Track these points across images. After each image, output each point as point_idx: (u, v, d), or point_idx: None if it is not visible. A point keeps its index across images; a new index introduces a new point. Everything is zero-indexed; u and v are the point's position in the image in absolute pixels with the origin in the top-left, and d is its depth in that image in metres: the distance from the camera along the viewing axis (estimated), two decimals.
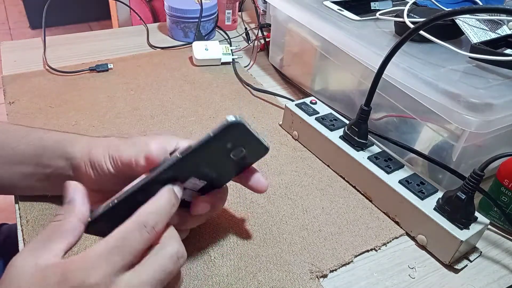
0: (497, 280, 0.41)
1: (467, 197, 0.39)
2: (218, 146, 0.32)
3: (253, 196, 0.47)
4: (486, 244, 0.44)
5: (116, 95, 0.62)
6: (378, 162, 0.47)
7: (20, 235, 0.40)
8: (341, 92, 0.61)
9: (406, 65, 0.46)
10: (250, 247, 0.41)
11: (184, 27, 0.79)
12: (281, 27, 0.68)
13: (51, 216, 0.42)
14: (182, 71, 0.71)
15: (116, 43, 0.78)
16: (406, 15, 0.51)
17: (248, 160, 0.37)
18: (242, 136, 0.32)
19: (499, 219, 0.46)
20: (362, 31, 0.54)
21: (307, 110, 0.55)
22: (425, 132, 0.49)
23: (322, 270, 0.39)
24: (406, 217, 0.44)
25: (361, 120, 0.47)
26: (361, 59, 0.51)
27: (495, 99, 0.42)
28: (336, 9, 0.60)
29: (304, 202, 0.47)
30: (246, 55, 0.78)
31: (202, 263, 0.39)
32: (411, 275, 0.41)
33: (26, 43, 0.75)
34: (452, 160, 0.45)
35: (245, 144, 0.33)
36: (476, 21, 0.52)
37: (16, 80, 0.64)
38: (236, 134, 0.32)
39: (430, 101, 0.43)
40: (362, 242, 0.43)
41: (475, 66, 0.47)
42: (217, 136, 0.30)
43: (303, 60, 0.66)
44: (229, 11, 0.85)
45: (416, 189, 0.44)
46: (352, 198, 0.48)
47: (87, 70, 0.67)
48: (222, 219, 0.44)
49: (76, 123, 0.56)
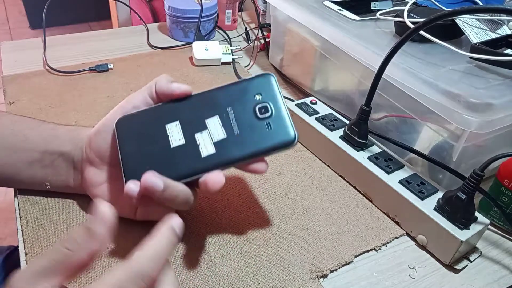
0: (497, 280, 0.41)
1: (467, 197, 0.39)
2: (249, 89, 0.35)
3: (253, 196, 0.47)
4: (486, 244, 0.44)
5: (116, 95, 0.62)
6: (378, 162, 0.47)
7: (20, 235, 0.40)
8: (341, 92, 0.61)
9: (406, 65, 0.46)
10: (250, 247, 0.41)
11: (184, 27, 0.79)
12: (281, 27, 0.68)
13: (51, 216, 0.42)
14: (182, 71, 0.71)
15: (116, 43, 0.78)
16: (406, 15, 0.51)
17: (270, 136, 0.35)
18: (271, 91, 0.35)
19: (499, 219, 0.46)
20: (362, 31, 0.54)
21: (307, 110, 0.55)
22: (425, 132, 0.49)
23: (322, 270, 0.39)
24: (406, 217, 0.44)
25: (361, 120, 0.47)
26: (361, 59, 0.51)
27: (495, 99, 0.42)
28: (336, 9, 0.60)
29: (304, 202, 0.47)
30: (246, 55, 0.78)
31: (202, 263, 0.39)
32: (411, 275, 0.41)
33: (26, 43, 0.75)
34: (452, 160, 0.45)
35: (272, 103, 0.35)
36: (476, 21, 0.52)
37: (16, 80, 0.64)
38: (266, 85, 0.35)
39: (430, 101, 0.43)
40: (362, 242, 0.43)
41: (475, 66, 0.47)
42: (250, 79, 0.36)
43: (303, 60, 0.66)
44: (229, 11, 0.85)
45: (416, 189, 0.44)
46: (352, 198, 0.48)
47: (87, 70, 0.67)
48: (222, 219, 0.44)
49: (76, 123, 0.56)
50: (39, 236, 0.40)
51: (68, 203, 0.43)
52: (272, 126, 0.34)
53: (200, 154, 0.35)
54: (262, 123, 0.34)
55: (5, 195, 1.49)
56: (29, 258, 0.38)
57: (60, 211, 0.42)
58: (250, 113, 0.35)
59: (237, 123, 0.35)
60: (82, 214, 0.42)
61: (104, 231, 0.27)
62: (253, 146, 0.35)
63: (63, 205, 0.43)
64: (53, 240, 0.39)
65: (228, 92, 0.36)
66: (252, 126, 0.35)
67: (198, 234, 0.42)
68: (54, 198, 0.43)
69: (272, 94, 0.35)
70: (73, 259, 0.26)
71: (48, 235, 0.40)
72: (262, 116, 0.34)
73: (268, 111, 0.34)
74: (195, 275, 0.38)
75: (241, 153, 0.35)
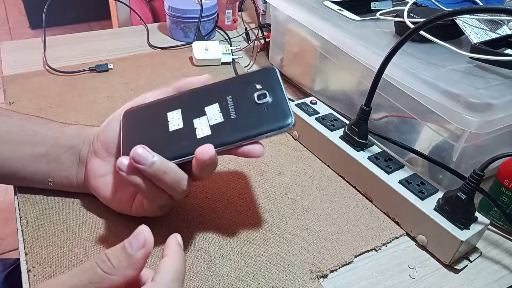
0: (497, 280, 0.41)
1: (467, 197, 0.39)
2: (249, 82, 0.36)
3: (253, 196, 0.47)
4: (486, 244, 0.44)
5: (116, 95, 0.62)
6: (378, 162, 0.47)
7: (20, 235, 0.40)
8: (341, 92, 0.61)
9: (406, 65, 0.46)
10: (250, 247, 0.41)
11: (184, 27, 0.79)
12: (281, 27, 0.68)
13: (51, 216, 0.42)
14: (182, 71, 0.71)
15: (116, 43, 0.78)
16: (406, 15, 0.51)
17: (267, 119, 0.35)
18: (272, 80, 0.36)
19: (499, 219, 0.46)
20: (362, 31, 0.54)
21: (307, 110, 0.55)
22: (425, 132, 0.49)
23: (322, 270, 0.39)
24: (406, 217, 0.44)
25: (361, 120, 0.47)
26: (361, 59, 0.51)
27: (495, 99, 0.42)
28: (336, 9, 0.60)
29: (304, 202, 0.47)
30: (246, 55, 0.78)
31: (202, 263, 0.39)
32: (411, 275, 0.41)
33: (26, 43, 0.75)
34: (452, 160, 0.45)
35: (271, 91, 0.35)
36: (476, 21, 0.52)
37: (16, 80, 0.64)
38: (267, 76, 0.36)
39: (430, 101, 0.43)
40: (362, 242, 0.43)
41: (475, 66, 0.47)
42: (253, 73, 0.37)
43: (303, 60, 0.66)
44: (229, 11, 0.85)
45: (416, 189, 0.44)
46: (352, 198, 0.48)
47: (87, 70, 0.67)
48: (222, 219, 0.44)
49: (76, 123, 0.55)
50: (39, 236, 0.40)
51: (68, 203, 0.43)
52: (270, 110, 0.35)
53: (196, 136, 0.35)
54: (259, 107, 0.35)
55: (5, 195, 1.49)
56: (29, 258, 0.38)
57: (60, 211, 0.42)
58: (249, 99, 0.35)
59: (235, 109, 0.35)
60: (82, 214, 0.42)
61: (143, 258, 0.26)
62: (248, 128, 0.35)
63: (63, 205, 0.43)
64: (53, 240, 0.39)
65: (231, 84, 0.37)
66: (250, 110, 0.35)
67: (198, 234, 0.42)
68: (54, 198, 0.43)
69: (272, 84, 0.36)
70: (107, 282, 0.25)
71: (48, 235, 0.40)
72: (260, 102, 0.35)
73: (266, 97, 0.35)
74: (195, 275, 0.38)
75: (236, 134, 0.35)
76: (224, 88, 0.37)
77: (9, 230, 1.38)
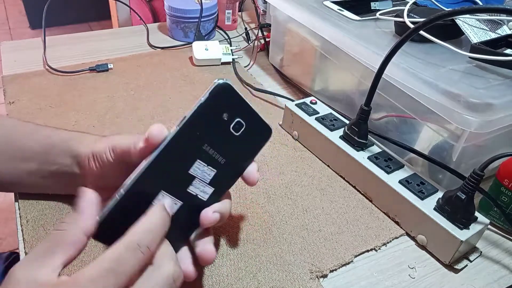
0: (497, 280, 0.41)
1: (467, 197, 0.39)
2: (213, 113, 0.31)
3: (253, 196, 0.47)
4: (486, 244, 0.44)
5: (116, 95, 0.62)
6: (378, 162, 0.47)
7: (20, 235, 0.40)
8: (341, 92, 0.61)
9: (406, 65, 0.46)
10: (250, 247, 0.41)
11: (184, 27, 0.79)
12: (281, 27, 0.68)
13: (51, 216, 0.42)
14: (182, 71, 0.71)
15: (116, 43, 0.78)
16: (406, 15, 0.51)
17: (252, 142, 0.35)
18: (235, 102, 0.32)
19: (499, 219, 0.46)
20: (362, 31, 0.54)
21: (307, 110, 0.55)
22: (425, 132, 0.49)
23: (322, 270, 0.39)
24: (406, 217, 0.44)
25: (361, 120, 0.47)
26: (361, 59, 0.51)
27: (495, 99, 0.42)
28: (336, 9, 0.60)
29: (304, 202, 0.47)
30: (246, 55, 0.78)
31: None
32: (411, 275, 0.41)
33: (26, 43, 0.75)
34: (452, 160, 0.45)
35: (242, 115, 0.33)
36: (476, 21, 0.52)
37: (16, 80, 0.64)
38: (227, 99, 0.32)
39: (430, 101, 0.43)
40: (362, 242, 0.43)
41: (475, 66, 0.47)
42: (208, 99, 0.30)
43: (303, 60, 0.66)
44: (229, 11, 0.85)
45: (416, 189, 0.44)
46: (352, 198, 0.48)
47: (87, 70, 0.67)
48: None
49: (76, 123, 0.56)
50: (39, 236, 0.40)
51: (68, 203, 0.43)
52: (249, 132, 0.33)
53: (202, 200, 0.34)
54: (240, 137, 0.33)
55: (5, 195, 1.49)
56: None
57: (60, 211, 0.42)
58: (227, 137, 0.33)
59: (220, 154, 0.33)
60: None
61: (88, 206, 0.28)
62: (242, 160, 0.35)
63: (63, 205, 0.43)
64: None
65: (195, 129, 0.31)
66: (234, 146, 0.33)
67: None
68: (54, 198, 0.43)
69: (236, 104, 0.32)
70: (67, 237, 0.26)
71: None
72: (239, 133, 0.33)
73: (242, 125, 0.33)
74: None
75: (235, 172, 0.35)
76: (192, 138, 0.31)
77: (9, 230, 1.38)
